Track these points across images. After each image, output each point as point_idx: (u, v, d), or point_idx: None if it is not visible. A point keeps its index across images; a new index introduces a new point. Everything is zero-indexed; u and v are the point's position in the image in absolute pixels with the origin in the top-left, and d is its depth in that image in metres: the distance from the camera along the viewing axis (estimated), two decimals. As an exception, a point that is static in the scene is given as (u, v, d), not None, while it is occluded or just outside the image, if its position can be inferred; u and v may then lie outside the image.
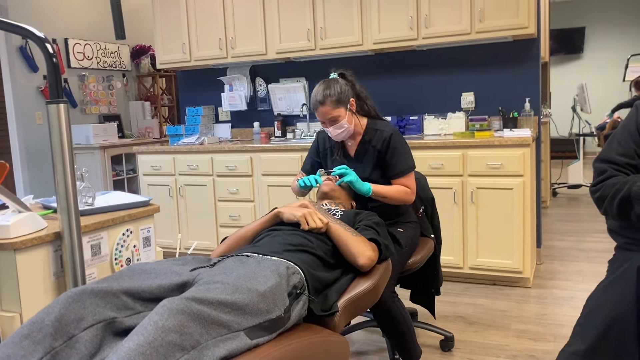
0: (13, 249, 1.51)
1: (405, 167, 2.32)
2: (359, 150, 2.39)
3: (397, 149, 2.31)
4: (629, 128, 1.64)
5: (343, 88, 2.28)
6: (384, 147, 2.32)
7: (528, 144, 3.19)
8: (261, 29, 4.13)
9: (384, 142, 2.32)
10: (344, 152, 2.43)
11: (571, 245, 4.30)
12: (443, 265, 3.48)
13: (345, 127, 2.30)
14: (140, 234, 1.93)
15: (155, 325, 1.14)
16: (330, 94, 2.25)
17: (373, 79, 4.18)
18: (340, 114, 2.27)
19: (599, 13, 9.80)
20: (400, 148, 2.32)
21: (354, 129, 2.36)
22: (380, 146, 2.32)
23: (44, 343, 1.19)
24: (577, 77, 9.91)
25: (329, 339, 1.53)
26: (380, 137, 2.33)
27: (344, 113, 2.28)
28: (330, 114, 2.26)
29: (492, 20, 3.45)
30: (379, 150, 2.33)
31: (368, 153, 2.36)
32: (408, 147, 2.37)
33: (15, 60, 5.27)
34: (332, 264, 1.78)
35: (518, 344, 2.63)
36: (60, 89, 1.53)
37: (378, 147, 2.33)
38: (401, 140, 2.34)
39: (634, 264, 1.56)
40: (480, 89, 3.87)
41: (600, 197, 1.63)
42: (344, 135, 2.33)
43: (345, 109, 2.28)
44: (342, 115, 2.27)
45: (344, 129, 2.30)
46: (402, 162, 2.32)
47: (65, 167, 1.56)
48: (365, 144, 2.37)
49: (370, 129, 2.37)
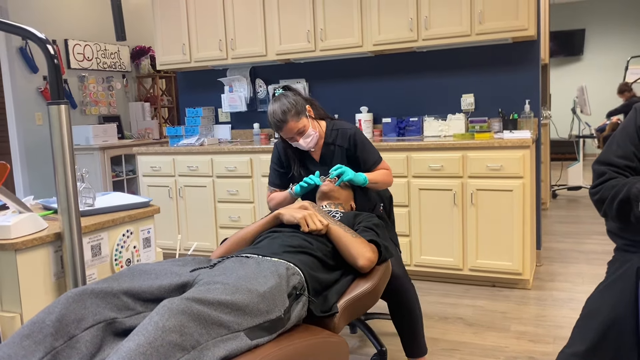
0: (14, 250, 1.51)
1: (376, 156, 2.44)
2: (324, 152, 2.42)
3: (364, 143, 2.41)
4: (628, 130, 1.65)
5: (295, 99, 2.31)
6: (352, 144, 2.39)
7: (528, 145, 3.19)
8: (261, 30, 4.14)
9: (350, 139, 2.40)
10: (309, 158, 2.45)
11: (571, 247, 4.31)
12: (443, 267, 3.49)
13: (312, 134, 2.33)
14: (140, 234, 1.94)
15: (155, 325, 1.14)
16: (288, 109, 2.25)
17: (373, 80, 4.19)
18: (304, 123, 2.30)
19: (599, 15, 9.81)
20: (365, 142, 2.42)
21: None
22: (347, 144, 2.39)
23: (45, 343, 1.19)
24: (577, 79, 9.92)
25: (329, 340, 1.54)
26: (344, 136, 2.40)
27: (307, 122, 2.31)
28: (297, 128, 2.28)
29: (492, 22, 3.45)
30: (346, 148, 2.40)
31: (335, 153, 2.41)
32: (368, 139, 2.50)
33: (15, 61, 5.27)
34: (332, 265, 1.79)
35: (517, 346, 2.63)
36: (61, 90, 1.53)
37: (345, 145, 2.40)
38: (363, 135, 2.45)
39: (633, 266, 1.57)
40: (480, 91, 3.88)
41: (599, 200, 1.64)
42: (315, 141, 2.35)
43: (306, 117, 2.31)
44: (306, 125, 2.30)
45: (312, 136, 2.33)
46: (373, 153, 2.43)
47: (66, 167, 1.56)
48: (330, 145, 2.41)
49: (331, 130, 2.42)
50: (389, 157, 3.51)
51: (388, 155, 3.51)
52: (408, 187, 3.50)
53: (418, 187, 3.47)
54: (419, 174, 3.46)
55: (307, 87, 4.39)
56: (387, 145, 3.53)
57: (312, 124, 2.34)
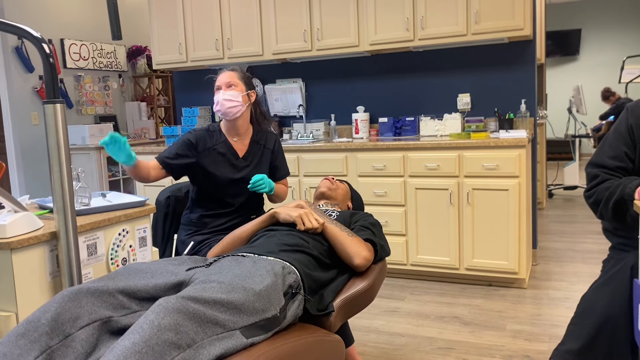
0: (9, 249, 1.51)
1: (287, 169, 2.51)
2: (249, 150, 2.37)
3: (282, 151, 2.49)
4: (620, 130, 1.66)
5: (252, 80, 2.38)
6: (276, 148, 2.44)
7: (524, 145, 3.20)
8: (257, 30, 4.14)
9: (275, 143, 2.44)
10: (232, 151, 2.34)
11: (567, 246, 4.32)
12: (439, 266, 3.50)
13: (238, 100, 2.26)
14: (136, 233, 1.94)
15: (151, 323, 1.14)
16: (241, 70, 2.35)
17: (369, 80, 4.19)
18: (239, 85, 2.29)
19: (595, 15, 9.84)
20: (282, 151, 2.49)
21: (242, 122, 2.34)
22: (272, 147, 2.43)
23: (40, 342, 1.19)
24: (573, 78, 9.95)
25: (325, 339, 1.54)
26: (271, 139, 2.44)
27: (242, 89, 2.30)
28: (232, 79, 2.28)
29: (488, 21, 3.46)
30: (272, 150, 2.42)
31: (263, 154, 2.40)
32: None
33: (11, 61, 5.26)
34: (328, 264, 1.79)
35: (513, 345, 2.64)
36: (57, 89, 1.53)
37: (271, 147, 2.42)
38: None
39: (627, 264, 1.58)
40: (476, 90, 3.89)
41: (594, 202, 1.65)
42: (232, 108, 2.25)
43: (246, 90, 2.31)
44: (240, 88, 2.29)
45: (235, 101, 2.26)
46: (286, 164, 2.51)
47: (62, 167, 1.56)
48: (257, 144, 2.40)
49: (259, 131, 2.43)
50: (385, 156, 3.52)
51: (384, 154, 3.52)
52: (404, 187, 3.51)
53: (414, 187, 3.47)
54: (415, 173, 3.47)
55: (303, 87, 4.39)
56: (383, 144, 3.53)
57: (244, 99, 2.30)
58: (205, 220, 2.32)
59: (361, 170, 3.62)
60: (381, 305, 3.20)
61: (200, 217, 2.33)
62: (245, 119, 2.35)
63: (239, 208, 2.34)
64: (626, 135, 1.63)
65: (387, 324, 2.94)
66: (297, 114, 4.42)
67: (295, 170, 3.82)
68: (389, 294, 3.39)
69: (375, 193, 3.58)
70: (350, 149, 3.64)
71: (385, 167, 3.54)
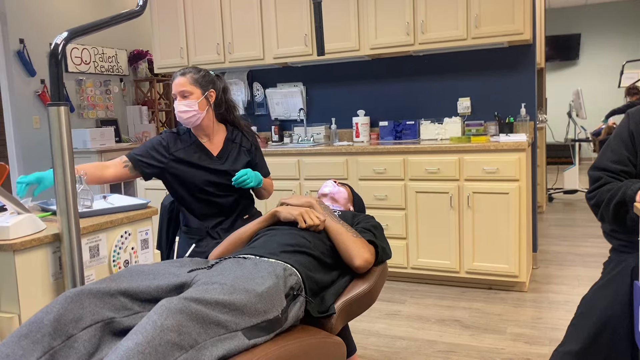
0: (12, 250, 1.52)
1: (267, 168, 2.50)
2: (224, 148, 2.34)
3: (260, 151, 2.48)
4: (621, 136, 1.67)
5: (209, 76, 2.28)
6: (253, 147, 2.41)
7: (524, 148, 3.21)
8: (259, 34, 4.15)
9: (252, 143, 2.42)
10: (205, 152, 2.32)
11: (567, 249, 4.32)
12: (440, 270, 3.50)
13: (194, 109, 2.21)
14: (138, 236, 1.94)
15: (154, 324, 1.15)
16: (193, 71, 2.25)
17: (370, 84, 4.21)
18: (194, 92, 2.22)
19: (595, 20, 9.87)
20: (261, 151, 2.48)
21: (207, 123, 2.29)
22: (249, 146, 2.40)
23: (43, 342, 1.20)
24: (573, 83, 9.97)
25: (326, 341, 1.54)
26: (247, 138, 2.42)
27: (198, 95, 2.23)
28: (184, 87, 2.21)
29: (488, 26, 3.48)
30: (248, 149, 2.39)
31: (240, 152, 2.37)
32: None
33: (13, 65, 5.27)
34: (330, 264, 1.79)
35: (514, 348, 2.64)
36: (62, 91, 1.54)
37: (247, 146, 2.40)
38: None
39: (627, 266, 1.58)
40: (477, 94, 3.90)
41: (596, 204, 1.66)
42: (189, 118, 2.22)
43: (202, 93, 2.24)
44: (195, 95, 2.22)
45: (191, 110, 2.21)
46: (265, 164, 2.50)
47: (65, 169, 1.57)
48: (232, 142, 2.37)
49: (233, 130, 2.41)
50: (385, 160, 3.53)
51: (385, 158, 3.53)
52: (405, 190, 3.52)
53: (415, 190, 3.48)
54: (416, 177, 3.48)
55: (304, 91, 4.40)
56: (384, 148, 3.54)
57: (201, 105, 2.23)
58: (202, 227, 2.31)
59: (362, 173, 3.63)
60: (382, 309, 3.21)
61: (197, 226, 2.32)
62: (209, 120, 2.30)
63: (229, 208, 2.33)
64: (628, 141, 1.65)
65: (388, 327, 2.95)
66: (298, 118, 4.44)
67: (296, 174, 3.83)
68: (390, 297, 3.39)
69: (376, 196, 3.59)
70: (351, 153, 3.65)
71: (385, 171, 3.55)
